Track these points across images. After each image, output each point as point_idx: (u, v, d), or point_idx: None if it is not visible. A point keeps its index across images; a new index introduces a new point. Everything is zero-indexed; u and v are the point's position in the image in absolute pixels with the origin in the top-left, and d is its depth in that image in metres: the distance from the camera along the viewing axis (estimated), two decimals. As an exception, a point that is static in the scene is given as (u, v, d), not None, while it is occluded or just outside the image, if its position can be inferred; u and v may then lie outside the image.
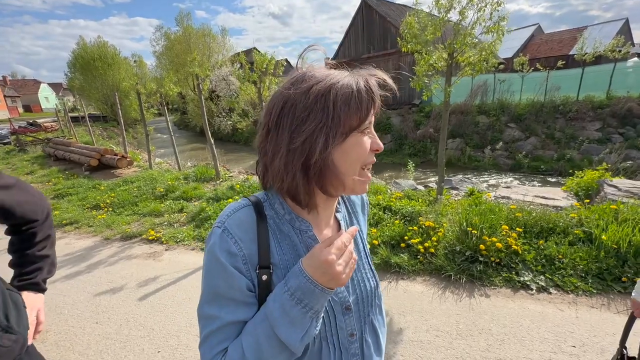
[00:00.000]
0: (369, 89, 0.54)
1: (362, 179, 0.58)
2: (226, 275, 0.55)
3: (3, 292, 0.87)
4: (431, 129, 12.48)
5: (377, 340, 0.71)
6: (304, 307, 0.52)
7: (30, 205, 0.96)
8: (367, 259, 0.72)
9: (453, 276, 2.65)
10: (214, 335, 0.55)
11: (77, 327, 2.42)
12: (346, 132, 0.54)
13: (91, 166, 7.55)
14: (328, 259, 0.51)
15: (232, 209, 0.60)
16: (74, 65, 23.91)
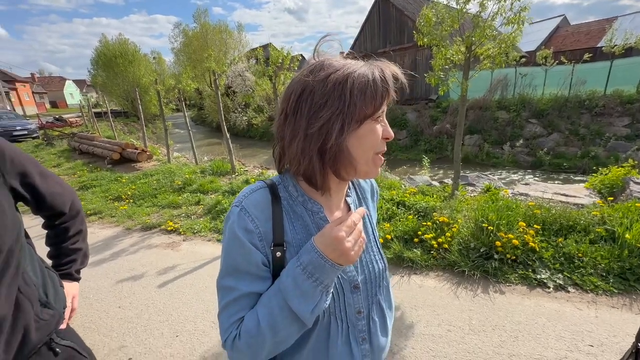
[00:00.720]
0: (384, 79, 0.57)
1: (375, 163, 0.61)
2: (244, 250, 0.59)
3: (42, 271, 0.94)
4: (448, 125, 12.23)
5: (383, 320, 0.75)
6: (315, 280, 0.56)
7: (60, 198, 1.02)
8: (375, 242, 0.76)
9: (467, 272, 2.62)
10: (231, 305, 0.60)
11: (101, 311, 2.55)
12: (361, 120, 0.57)
13: (113, 160, 7.84)
14: (338, 236, 0.55)
15: (249, 190, 0.64)
16: (96, 62, 24.69)
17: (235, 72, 17.06)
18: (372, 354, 0.71)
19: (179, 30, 22.79)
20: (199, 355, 2.04)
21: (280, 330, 0.56)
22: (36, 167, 0.95)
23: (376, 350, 0.72)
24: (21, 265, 0.85)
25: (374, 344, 0.71)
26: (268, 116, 17.25)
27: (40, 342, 0.87)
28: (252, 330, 0.57)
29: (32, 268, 0.90)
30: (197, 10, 22.04)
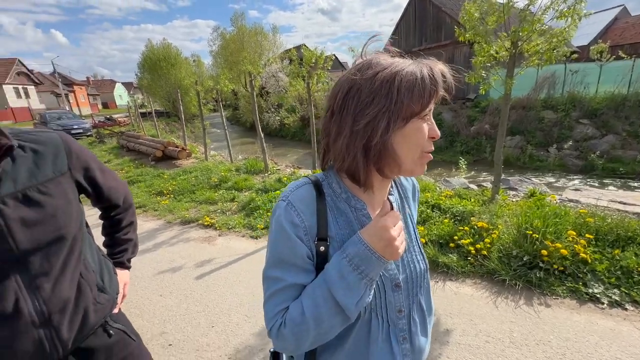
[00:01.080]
0: (432, 78, 0.56)
1: (422, 162, 0.61)
2: (290, 242, 0.61)
3: (100, 258, 1.02)
4: (487, 125, 11.62)
5: (424, 320, 0.74)
6: (360, 273, 0.57)
7: (116, 191, 1.11)
8: (417, 242, 0.75)
9: (508, 281, 2.47)
10: (277, 294, 0.62)
11: (144, 298, 2.72)
12: (407, 118, 0.57)
13: (156, 157, 8.35)
14: (385, 224, 0.56)
15: (294, 186, 0.66)
16: (142, 65, 26.43)
17: (269, 73, 17.46)
18: (412, 354, 0.71)
19: (217, 34, 23.76)
20: (233, 347, 2.11)
21: (324, 321, 0.58)
22: (96, 162, 1.03)
23: (417, 351, 0.72)
24: (83, 253, 0.93)
25: (415, 344, 0.71)
26: (300, 116, 17.45)
27: (97, 323, 0.94)
28: (297, 319, 0.58)
29: (91, 255, 0.99)
30: (235, 14, 22.84)
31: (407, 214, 0.76)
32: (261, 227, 3.92)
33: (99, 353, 0.95)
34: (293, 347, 0.61)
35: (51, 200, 0.82)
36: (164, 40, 26.19)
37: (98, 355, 0.95)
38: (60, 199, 0.85)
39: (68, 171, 0.89)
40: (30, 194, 0.78)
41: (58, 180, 0.85)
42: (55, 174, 0.85)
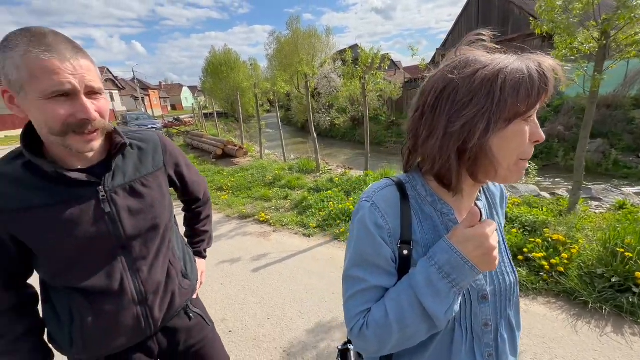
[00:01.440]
0: (542, 75, 0.51)
1: (518, 168, 0.56)
2: (374, 243, 0.60)
3: (183, 247, 1.12)
4: (560, 127, 10.39)
5: (513, 337, 0.69)
6: (451, 282, 0.54)
7: (198, 186, 1.21)
8: (506, 252, 0.70)
9: (591, 304, 2.17)
10: (359, 295, 0.61)
11: (206, 286, 2.94)
12: (509, 119, 0.52)
13: (217, 155, 8.98)
14: (485, 232, 0.53)
15: (378, 187, 0.65)
16: (206, 70, 28.69)
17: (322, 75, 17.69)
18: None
19: (273, 38, 24.78)
20: (287, 341, 2.18)
21: (408, 326, 0.56)
22: (184, 159, 1.13)
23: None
24: (171, 241, 1.03)
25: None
26: (350, 117, 17.40)
27: (180, 306, 1.03)
28: (380, 322, 0.58)
29: (177, 244, 1.09)
30: (290, 18, 23.59)
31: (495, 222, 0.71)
32: (313, 225, 3.98)
33: (180, 333, 1.05)
34: (375, 349, 0.60)
35: (150, 192, 0.92)
36: (225, 46, 28.08)
37: (180, 335, 1.04)
38: (157, 191, 0.94)
39: (163, 166, 0.99)
40: (135, 186, 0.89)
41: (156, 175, 0.95)
42: (154, 168, 0.95)
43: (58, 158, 0.78)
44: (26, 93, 0.67)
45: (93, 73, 0.73)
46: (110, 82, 38.57)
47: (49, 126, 0.70)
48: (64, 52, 0.68)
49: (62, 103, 0.69)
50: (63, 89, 0.67)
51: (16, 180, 0.74)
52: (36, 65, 0.65)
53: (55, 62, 0.66)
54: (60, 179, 0.76)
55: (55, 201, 0.76)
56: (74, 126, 0.71)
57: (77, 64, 0.69)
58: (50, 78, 0.66)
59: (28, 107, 0.69)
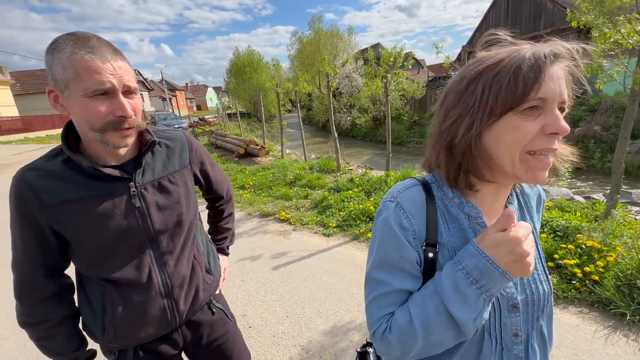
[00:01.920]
0: (532, 65, 0.48)
1: (528, 164, 0.52)
2: (399, 245, 0.59)
3: (207, 243, 1.16)
4: (596, 127, 9.77)
5: (544, 350, 0.65)
6: (479, 288, 0.52)
7: (221, 184, 1.24)
8: (540, 260, 0.66)
9: (629, 316, 2.03)
10: (382, 298, 0.60)
11: (228, 282, 3.01)
12: (500, 114, 0.51)
13: (240, 154, 9.18)
14: (518, 236, 0.50)
15: (403, 186, 0.63)
16: (230, 71, 29.37)
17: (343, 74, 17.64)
18: None
19: (295, 38, 25.01)
20: (305, 339, 2.19)
21: (433, 333, 0.55)
22: (209, 158, 1.17)
23: None
24: (196, 237, 1.06)
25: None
26: (372, 116, 17.23)
27: (204, 301, 1.07)
28: (404, 327, 0.56)
29: (202, 240, 1.12)
30: (312, 18, 23.70)
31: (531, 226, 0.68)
32: (333, 225, 3.98)
33: (203, 327, 1.08)
34: (398, 354, 0.59)
35: (177, 189, 0.96)
36: (249, 47, 28.63)
37: (203, 329, 1.08)
38: (183, 188, 0.98)
39: (189, 164, 1.03)
40: (163, 183, 0.92)
41: (182, 172, 0.99)
42: (180, 166, 0.99)
43: (94, 154, 0.83)
44: (70, 91, 0.73)
45: (130, 73, 0.79)
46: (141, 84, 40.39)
47: (90, 122, 0.75)
48: (105, 54, 0.73)
49: (102, 101, 0.74)
50: (104, 88, 0.73)
51: (57, 175, 0.79)
52: (81, 65, 0.71)
53: (98, 63, 0.72)
54: (96, 175, 0.81)
55: (91, 195, 0.81)
56: (113, 123, 0.76)
57: (117, 65, 0.75)
58: (93, 77, 0.71)
59: (71, 105, 0.75)
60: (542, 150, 0.51)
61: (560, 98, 0.50)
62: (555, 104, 0.50)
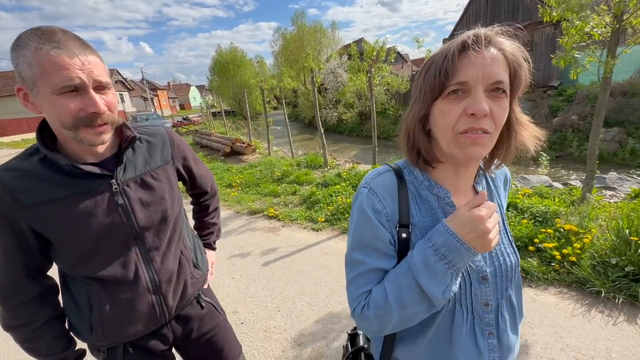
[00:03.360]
0: (447, 55, 0.54)
1: (459, 142, 0.56)
2: (373, 227, 0.62)
3: (194, 238, 1.16)
4: (574, 116, 10.12)
5: (514, 317, 0.70)
6: (447, 263, 0.56)
7: (205, 179, 1.23)
8: (506, 234, 0.71)
9: (604, 293, 2.14)
10: (360, 277, 0.64)
11: (218, 279, 3.00)
12: (431, 101, 0.58)
13: (226, 152, 9.07)
14: (480, 215, 0.54)
15: (375, 173, 0.68)
16: (213, 69, 28.87)
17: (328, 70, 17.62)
18: (500, 351, 0.67)
19: (278, 35, 24.80)
20: (297, 332, 2.21)
21: (407, 307, 0.58)
22: (191, 153, 1.16)
23: (505, 348, 0.68)
24: (182, 232, 1.06)
25: (503, 341, 0.67)
26: (358, 112, 17.31)
27: (192, 295, 1.07)
28: (380, 303, 0.60)
29: (188, 235, 1.12)
30: (295, 14, 23.55)
31: (497, 205, 0.72)
32: (322, 220, 4.01)
33: (193, 321, 1.08)
34: (376, 329, 0.63)
35: (160, 185, 0.95)
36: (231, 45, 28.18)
37: (192, 323, 1.08)
38: (166, 184, 0.97)
39: (171, 160, 1.02)
40: (145, 179, 0.92)
41: (164, 168, 0.98)
42: (162, 162, 0.98)
43: (72, 152, 0.82)
44: (38, 89, 0.70)
45: (101, 68, 0.76)
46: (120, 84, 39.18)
47: (61, 120, 0.73)
48: (72, 49, 0.70)
49: (72, 98, 0.72)
50: (72, 84, 0.70)
51: (34, 175, 0.77)
52: (47, 61, 0.68)
53: (65, 58, 0.69)
54: (75, 173, 0.80)
55: (71, 194, 0.80)
56: (85, 120, 0.74)
57: (85, 60, 0.72)
58: (60, 73, 0.69)
59: (41, 102, 0.73)
60: (468, 130, 0.55)
61: (490, 79, 0.53)
62: (479, 86, 0.53)
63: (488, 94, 0.54)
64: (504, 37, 0.56)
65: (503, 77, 0.54)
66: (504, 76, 0.54)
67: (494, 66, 0.53)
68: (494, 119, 0.55)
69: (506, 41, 0.56)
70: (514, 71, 0.56)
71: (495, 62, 0.53)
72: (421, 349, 0.67)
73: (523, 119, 0.63)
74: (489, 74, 0.53)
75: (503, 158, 0.65)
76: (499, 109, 0.55)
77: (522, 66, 0.57)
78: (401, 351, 0.70)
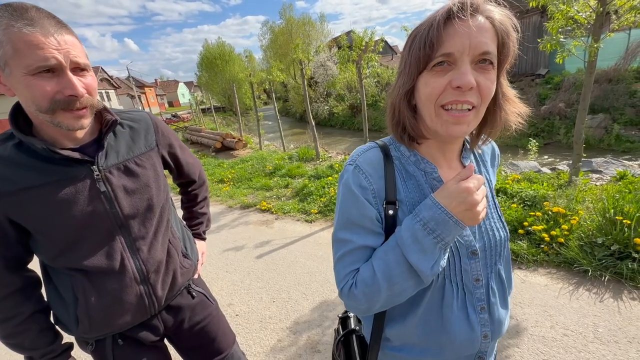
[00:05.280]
0: (432, 25, 0.51)
1: (442, 119, 0.55)
2: (358, 204, 0.61)
3: (182, 228, 1.14)
4: (561, 104, 10.27)
5: (503, 291, 0.70)
6: (436, 237, 0.55)
7: (193, 167, 1.21)
8: (495, 209, 0.71)
9: (591, 272, 2.20)
10: (347, 256, 0.63)
11: (213, 274, 2.99)
12: (416, 75, 0.56)
13: (216, 148, 8.99)
14: (468, 187, 0.53)
15: (361, 150, 0.66)
16: (201, 65, 28.39)
17: (318, 63, 17.51)
18: (491, 325, 0.67)
19: (266, 28, 24.46)
20: (292, 321, 2.22)
21: (396, 283, 0.57)
22: (177, 140, 1.13)
23: (496, 322, 0.67)
24: (170, 221, 1.04)
25: (494, 315, 0.67)
26: (349, 104, 17.27)
27: (182, 285, 1.05)
28: (368, 280, 0.59)
29: (176, 224, 1.10)
30: (283, 7, 23.21)
31: (485, 179, 0.71)
32: (315, 211, 4.01)
33: (184, 311, 1.07)
34: (364, 307, 0.61)
35: (145, 172, 0.92)
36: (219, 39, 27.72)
37: (184, 313, 1.07)
38: (151, 170, 0.95)
39: (156, 147, 0.99)
40: (129, 166, 0.89)
41: (149, 154, 0.96)
42: (146, 148, 0.95)
43: (48, 137, 0.78)
44: (11, 69, 0.67)
45: (78, 49, 0.72)
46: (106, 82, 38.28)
47: (36, 103, 0.69)
48: (47, 27, 0.67)
49: (48, 79, 0.68)
50: (48, 64, 0.66)
51: (9, 161, 0.74)
52: (19, 40, 0.64)
53: (39, 37, 0.65)
54: (53, 158, 0.77)
55: (49, 181, 0.76)
56: (62, 103, 0.70)
57: (62, 39, 0.68)
58: (34, 53, 0.65)
59: (14, 84, 0.69)
60: (452, 103, 0.53)
61: (476, 50, 0.50)
62: (464, 57, 0.51)
63: (474, 66, 0.52)
64: (492, 4, 0.53)
65: (490, 47, 0.51)
66: (492, 47, 0.52)
67: (480, 36, 0.50)
68: (481, 92, 0.53)
69: (495, 8, 0.53)
70: (502, 41, 0.53)
71: (482, 31, 0.50)
72: (412, 327, 0.66)
73: (510, 94, 0.61)
74: (475, 44, 0.50)
75: (489, 133, 0.64)
76: (486, 81, 0.53)
77: (510, 36, 0.54)
78: (392, 330, 0.69)
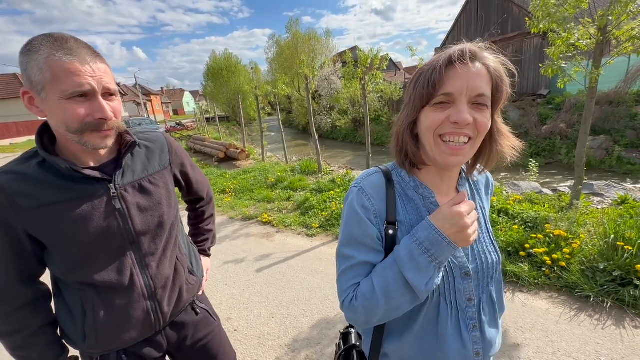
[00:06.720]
0: (435, 69, 0.59)
1: (440, 149, 0.62)
2: (361, 224, 0.67)
3: (189, 245, 1.16)
4: (562, 124, 10.36)
5: (494, 311, 0.75)
6: (430, 256, 0.60)
7: (202, 185, 1.24)
8: (488, 234, 0.76)
9: (593, 298, 2.19)
10: (349, 271, 0.68)
11: (212, 286, 2.97)
12: (419, 108, 0.63)
13: (219, 158, 9.05)
14: (460, 211, 0.59)
15: (366, 174, 0.73)
16: (207, 75, 28.87)
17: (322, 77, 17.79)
18: (482, 343, 0.71)
19: (272, 42, 24.95)
20: (291, 338, 2.20)
21: (393, 298, 0.62)
22: (189, 159, 1.17)
23: (487, 341, 0.72)
24: (178, 237, 1.06)
25: (485, 333, 0.72)
26: (352, 118, 17.45)
27: (187, 302, 1.07)
28: (367, 295, 0.64)
29: (183, 241, 1.12)
30: (290, 21, 23.74)
31: (479, 206, 0.77)
32: (316, 226, 4.01)
33: (187, 328, 1.08)
34: (363, 320, 0.66)
35: (157, 190, 0.96)
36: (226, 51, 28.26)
37: (187, 329, 1.08)
38: (164, 189, 0.98)
39: (169, 166, 1.03)
40: (143, 184, 0.92)
41: (162, 173, 0.99)
42: (160, 167, 0.99)
43: (72, 156, 0.82)
44: (47, 93, 0.72)
45: (109, 76, 0.79)
46: (113, 89, 38.87)
47: (67, 125, 0.74)
48: (84, 56, 0.73)
49: (81, 103, 0.74)
50: (83, 90, 0.73)
51: (31, 178, 0.77)
52: (59, 68, 0.70)
53: (77, 65, 0.71)
54: (74, 177, 0.80)
55: (69, 198, 0.80)
56: (91, 125, 0.76)
57: (96, 67, 0.75)
58: (71, 79, 0.71)
59: (48, 107, 0.74)
60: (450, 134, 0.60)
61: (473, 92, 0.58)
62: (462, 97, 0.58)
63: (471, 105, 0.59)
64: (489, 52, 0.61)
65: (485, 90, 0.59)
66: (486, 90, 0.59)
67: (477, 80, 0.58)
68: (477, 126, 0.60)
69: (490, 56, 0.61)
70: (496, 85, 0.61)
71: (478, 76, 0.58)
72: (409, 342, 0.71)
73: (504, 130, 0.69)
74: (472, 87, 0.58)
75: (485, 164, 0.71)
76: (482, 117, 0.60)
77: (504, 81, 0.61)
78: (390, 345, 0.73)
